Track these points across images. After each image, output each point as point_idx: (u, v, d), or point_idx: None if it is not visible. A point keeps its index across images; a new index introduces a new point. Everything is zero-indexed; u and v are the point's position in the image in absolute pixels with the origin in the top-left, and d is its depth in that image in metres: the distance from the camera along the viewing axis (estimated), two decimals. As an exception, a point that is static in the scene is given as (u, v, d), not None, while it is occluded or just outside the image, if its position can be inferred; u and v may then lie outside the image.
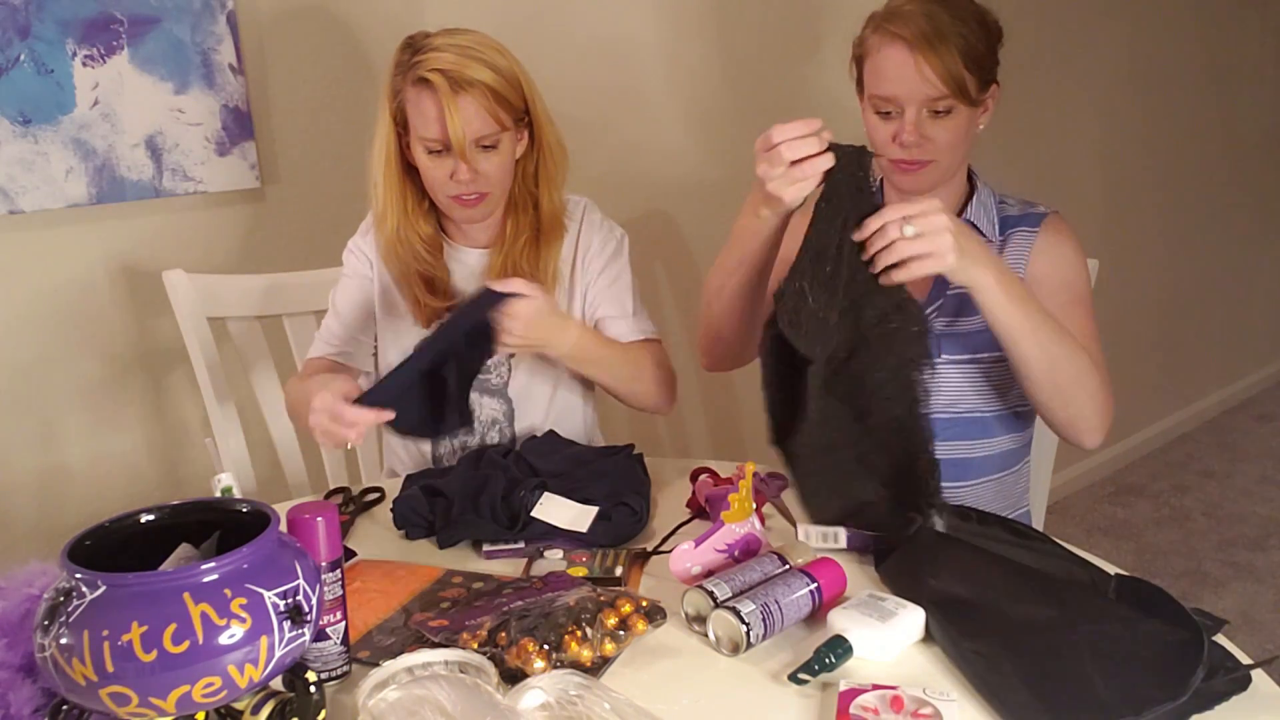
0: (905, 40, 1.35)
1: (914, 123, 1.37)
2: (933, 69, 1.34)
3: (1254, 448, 3.68)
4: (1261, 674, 0.97)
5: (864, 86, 1.44)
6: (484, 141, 1.47)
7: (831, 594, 1.11)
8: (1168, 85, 3.39)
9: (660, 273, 2.35)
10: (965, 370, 1.45)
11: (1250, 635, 2.55)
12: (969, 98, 1.37)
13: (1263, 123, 3.95)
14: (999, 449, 1.49)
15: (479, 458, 1.49)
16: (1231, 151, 3.80)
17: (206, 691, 0.81)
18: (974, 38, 1.37)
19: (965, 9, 1.39)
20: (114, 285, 1.87)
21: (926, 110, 1.37)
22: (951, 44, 1.35)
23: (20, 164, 1.73)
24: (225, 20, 1.89)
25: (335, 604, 1.01)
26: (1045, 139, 2.88)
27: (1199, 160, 3.61)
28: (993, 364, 1.44)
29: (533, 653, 0.98)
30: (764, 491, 1.35)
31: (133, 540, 0.91)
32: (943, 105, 1.37)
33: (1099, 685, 0.94)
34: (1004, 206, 1.51)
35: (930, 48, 1.34)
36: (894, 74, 1.36)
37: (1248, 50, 3.80)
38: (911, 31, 1.35)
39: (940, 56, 1.34)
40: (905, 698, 0.94)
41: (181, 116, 1.87)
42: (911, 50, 1.35)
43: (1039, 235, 1.47)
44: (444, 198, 1.51)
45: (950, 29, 1.35)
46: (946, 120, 1.38)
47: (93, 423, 1.88)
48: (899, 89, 1.37)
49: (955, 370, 1.45)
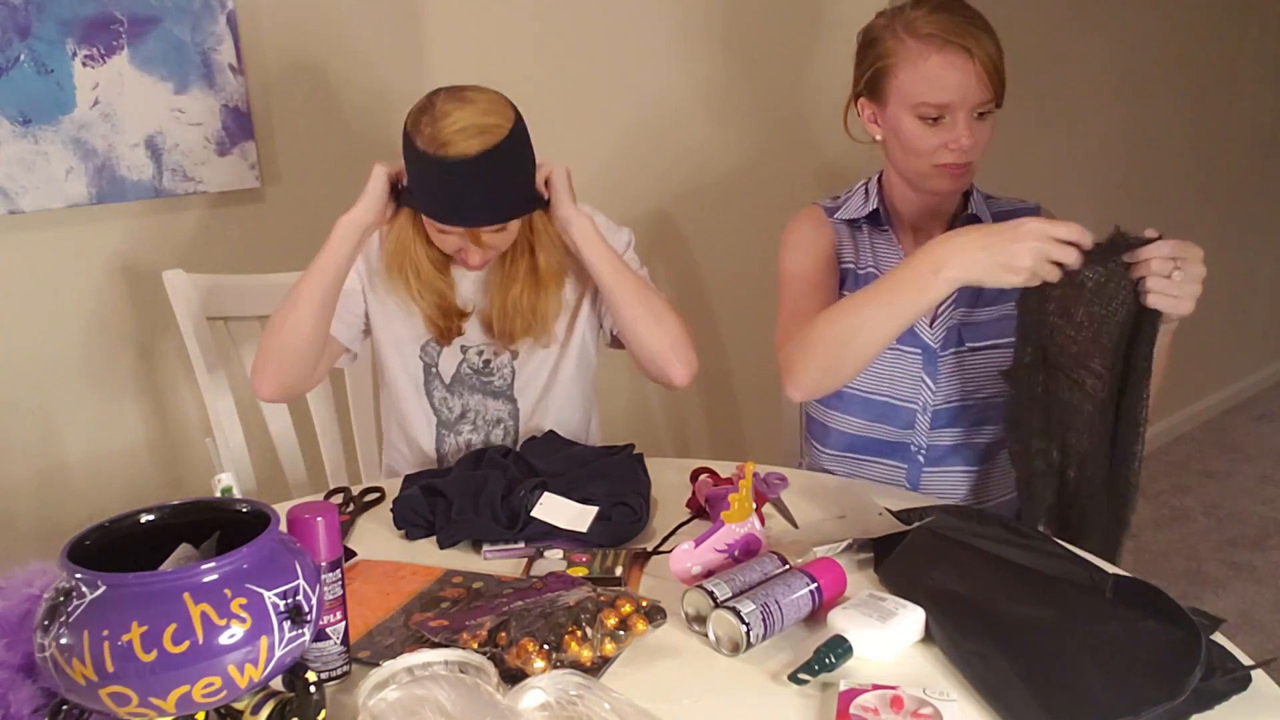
0: (963, 47, 1.36)
1: (968, 126, 1.39)
2: (986, 73, 1.37)
3: (1254, 448, 3.68)
4: (1261, 674, 0.97)
5: (893, 94, 1.43)
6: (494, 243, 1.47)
7: (831, 594, 1.11)
8: (1167, 85, 3.39)
9: (660, 273, 2.35)
10: (988, 356, 1.49)
11: (1250, 635, 2.55)
12: (1002, 98, 1.41)
13: (1261, 122, 3.95)
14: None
15: (479, 458, 1.49)
16: (1231, 152, 3.80)
17: (206, 691, 0.81)
18: (997, 39, 1.41)
19: (976, 11, 1.42)
20: (114, 285, 1.87)
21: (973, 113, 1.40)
22: (992, 46, 1.39)
23: (20, 164, 1.73)
24: (225, 20, 1.89)
25: (335, 604, 1.01)
26: (1043, 141, 2.88)
27: (1199, 160, 3.61)
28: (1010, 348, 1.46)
29: (533, 653, 0.98)
30: (764, 491, 1.35)
31: (133, 540, 0.91)
32: (986, 107, 1.40)
33: (1097, 685, 0.94)
34: (993, 202, 1.56)
35: (985, 53, 1.37)
36: (951, 81, 1.37)
37: (1245, 51, 3.79)
38: (964, 38, 1.36)
39: (994, 60, 1.38)
40: (905, 698, 0.94)
41: (181, 116, 1.87)
42: (970, 56, 1.36)
43: None
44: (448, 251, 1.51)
45: (984, 33, 1.39)
46: (987, 121, 1.42)
47: (93, 423, 1.88)
48: (955, 95, 1.38)
49: (978, 357, 1.49)
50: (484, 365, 1.58)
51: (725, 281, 2.46)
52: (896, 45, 1.41)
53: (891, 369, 1.51)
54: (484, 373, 1.58)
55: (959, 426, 1.52)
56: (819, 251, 1.54)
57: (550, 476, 1.40)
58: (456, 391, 1.60)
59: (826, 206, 1.59)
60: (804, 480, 1.49)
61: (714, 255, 2.44)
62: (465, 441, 1.62)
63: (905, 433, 1.53)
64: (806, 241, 1.55)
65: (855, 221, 1.56)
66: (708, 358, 2.51)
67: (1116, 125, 3.18)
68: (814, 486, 1.47)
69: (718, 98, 2.36)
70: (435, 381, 1.60)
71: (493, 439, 1.62)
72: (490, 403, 1.60)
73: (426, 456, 1.64)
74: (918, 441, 1.53)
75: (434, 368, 1.59)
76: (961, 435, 1.52)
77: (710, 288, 2.47)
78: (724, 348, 2.51)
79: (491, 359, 1.59)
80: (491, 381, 1.59)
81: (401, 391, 1.61)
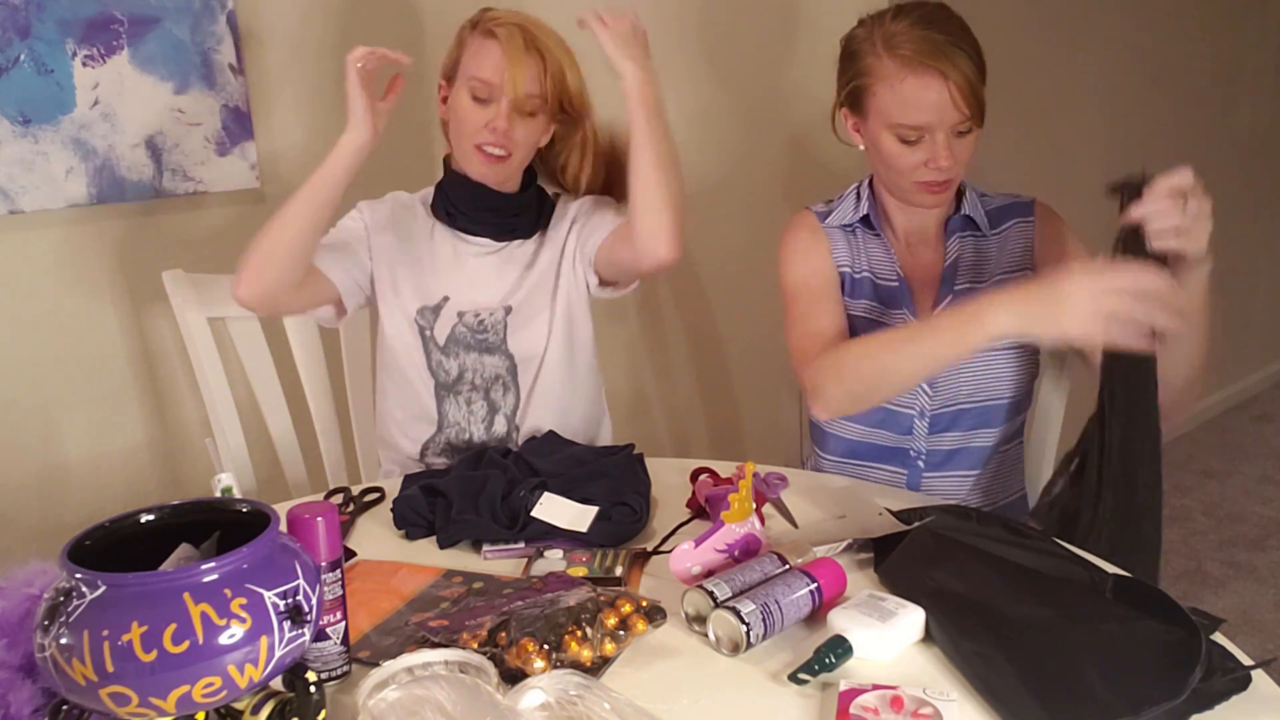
0: (938, 71, 1.36)
1: (947, 146, 1.39)
2: (962, 95, 1.36)
3: (1254, 448, 3.68)
4: (1261, 674, 0.97)
5: (872, 111, 1.43)
6: (528, 105, 1.52)
7: (831, 594, 1.11)
8: (1168, 85, 3.39)
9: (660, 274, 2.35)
10: (984, 360, 1.49)
11: (1250, 635, 2.55)
12: (983, 115, 1.40)
13: (1262, 122, 3.95)
14: (1006, 433, 1.55)
15: (479, 458, 1.49)
16: (1231, 151, 3.80)
17: (206, 691, 0.81)
18: (977, 55, 1.40)
19: (959, 24, 1.41)
20: (114, 285, 1.87)
21: (953, 132, 1.39)
22: (970, 66, 1.37)
23: (20, 164, 1.73)
24: (225, 20, 1.89)
25: (335, 604, 1.01)
26: (1046, 138, 2.88)
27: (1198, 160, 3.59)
28: (1007, 349, 1.49)
29: (533, 653, 0.98)
30: (764, 491, 1.35)
31: (133, 540, 0.91)
32: (965, 126, 1.40)
33: (1097, 685, 0.94)
34: (986, 200, 1.55)
35: (960, 74, 1.36)
36: (928, 103, 1.37)
37: (1248, 50, 3.80)
38: (939, 60, 1.35)
39: (970, 82, 1.37)
40: (905, 698, 0.94)
41: (181, 116, 1.87)
42: (945, 79, 1.36)
43: (1037, 223, 1.52)
44: (469, 145, 1.54)
45: (963, 52, 1.37)
46: (967, 139, 1.42)
47: (93, 423, 1.88)
48: (930, 117, 1.38)
49: (974, 361, 1.48)
50: (478, 324, 1.60)
51: (724, 282, 2.46)
52: (875, 64, 1.40)
53: None
54: (478, 330, 1.59)
55: (957, 430, 1.51)
56: (818, 260, 1.54)
57: (550, 476, 1.40)
58: (451, 352, 1.60)
59: (819, 212, 1.58)
60: (804, 480, 1.49)
61: (713, 256, 2.44)
62: (465, 401, 1.62)
63: (904, 438, 1.53)
64: (804, 251, 1.55)
65: (848, 226, 1.56)
66: (708, 357, 2.51)
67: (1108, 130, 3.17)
68: (814, 486, 1.47)
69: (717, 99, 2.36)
70: (430, 345, 1.61)
71: (493, 397, 1.62)
72: (486, 359, 1.61)
73: (427, 416, 1.63)
74: (917, 447, 1.53)
75: (429, 330, 1.60)
76: (960, 439, 1.52)
77: (709, 288, 2.47)
78: (724, 348, 2.51)
79: (486, 318, 1.60)
80: (486, 338, 1.60)
81: (399, 354, 1.62)
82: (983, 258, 1.52)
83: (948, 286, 1.50)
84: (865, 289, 1.53)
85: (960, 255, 1.51)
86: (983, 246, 1.52)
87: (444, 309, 1.61)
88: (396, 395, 1.65)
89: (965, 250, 1.52)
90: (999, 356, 1.49)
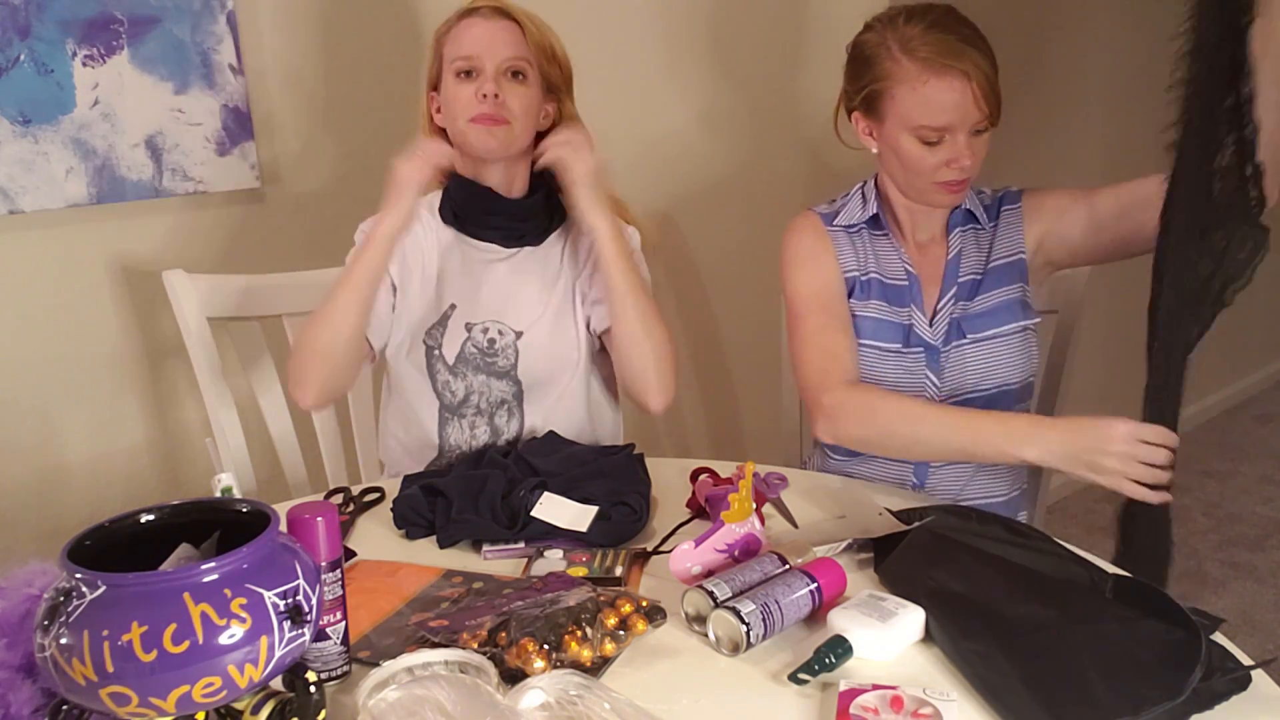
0: (960, 71, 1.37)
1: (968, 146, 1.41)
2: (984, 94, 1.38)
3: (1254, 448, 3.68)
4: (1261, 674, 0.97)
5: (891, 115, 1.43)
6: (513, 66, 1.51)
7: (831, 594, 1.11)
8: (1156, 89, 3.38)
9: (660, 275, 2.35)
10: (989, 347, 1.50)
11: (1250, 635, 2.56)
12: (998, 116, 1.42)
13: (1263, 123, 3.94)
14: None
15: (479, 457, 1.49)
16: (1231, 151, 3.79)
17: (206, 691, 0.81)
18: (992, 55, 1.41)
19: (972, 25, 1.42)
20: (114, 285, 1.87)
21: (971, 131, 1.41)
22: (988, 65, 1.39)
23: (20, 164, 1.73)
24: (225, 20, 1.89)
25: (335, 604, 1.01)
26: (1048, 138, 2.88)
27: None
28: (1012, 334, 1.51)
29: (533, 653, 0.98)
30: (764, 491, 1.35)
31: (133, 540, 0.91)
32: (983, 125, 1.41)
33: (1097, 685, 0.94)
34: (982, 196, 1.57)
35: (981, 73, 1.37)
36: (951, 103, 1.38)
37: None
38: (961, 60, 1.37)
39: (990, 81, 1.39)
40: (905, 698, 0.94)
41: (181, 116, 1.87)
42: (968, 80, 1.37)
43: (1024, 206, 1.54)
44: (464, 123, 1.52)
45: (979, 51, 1.39)
46: (983, 137, 1.43)
47: (93, 423, 1.88)
48: (954, 117, 1.39)
49: (979, 348, 1.50)
50: (489, 345, 1.58)
51: (725, 282, 2.46)
52: (893, 67, 1.40)
53: (895, 369, 1.51)
54: (488, 352, 1.58)
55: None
56: (826, 271, 1.53)
57: (550, 476, 1.40)
58: (460, 373, 1.59)
59: (823, 213, 1.57)
60: (804, 480, 1.49)
61: (714, 256, 2.44)
62: (469, 425, 1.61)
63: None
64: (810, 258, 1.54)
65: (854, 226, 1.55)
66: (708, 357, 2.51)
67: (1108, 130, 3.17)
68: (814, 486, 1.47)
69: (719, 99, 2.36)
70: (439, 364, 1.59)
71: (497, 423, 1.61)
72: (494, 383, 1.59)
73: (428, 442, 1.63)
74: None
75: (437, 349, 1.59)
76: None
77: (710, 288, 2.47)
78: (724, 348, 2.51)
79: (496, 338, 1.58)
80: (495, 362, 1.58)
81: (404, 376, 1.61)
82: (981, 247, 1.54)
83: (951, 279, 1.52)
84: (874, 290, 1.53)
85: (963, 248, 1.53)
86: (981, 237, 1.54)
87: (451, 319, 1.59)
88: (399, 418, 1.65)
89: (967, 243, 1.54)
90: (1002, 341, 1.50)
